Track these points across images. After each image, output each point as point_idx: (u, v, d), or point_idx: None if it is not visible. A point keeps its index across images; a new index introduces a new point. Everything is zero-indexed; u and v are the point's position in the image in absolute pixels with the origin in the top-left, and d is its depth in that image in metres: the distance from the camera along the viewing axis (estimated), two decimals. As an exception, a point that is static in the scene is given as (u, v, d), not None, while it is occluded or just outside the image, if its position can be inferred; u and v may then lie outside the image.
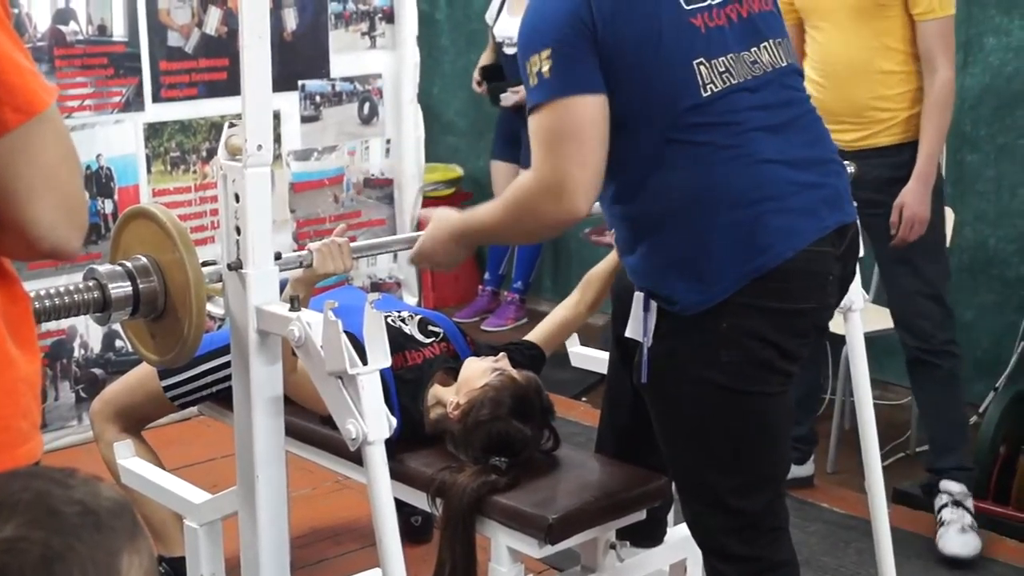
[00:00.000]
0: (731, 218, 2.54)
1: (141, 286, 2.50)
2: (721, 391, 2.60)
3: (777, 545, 2.78)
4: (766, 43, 2.66)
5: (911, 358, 4.30)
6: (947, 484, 4.24)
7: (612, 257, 3.53)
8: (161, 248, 2.54)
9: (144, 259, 2.54)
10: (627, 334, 2.70)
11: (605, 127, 2.54)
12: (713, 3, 2.59)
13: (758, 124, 2.59)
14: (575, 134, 2.53)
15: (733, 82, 2.57)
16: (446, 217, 2.90)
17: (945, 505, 4.23)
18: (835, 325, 2.95)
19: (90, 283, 2.47)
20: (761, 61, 2.64)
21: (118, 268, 2.52)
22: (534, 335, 3.57)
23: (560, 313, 3.62)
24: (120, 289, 2.48)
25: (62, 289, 2.42)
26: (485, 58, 6.66)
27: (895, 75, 4.07)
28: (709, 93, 2.54)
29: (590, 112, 2.53)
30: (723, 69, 2.56)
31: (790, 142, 2.63)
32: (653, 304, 2.62)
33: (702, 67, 2.54)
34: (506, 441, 3.03)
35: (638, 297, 2.65)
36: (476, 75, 6.61)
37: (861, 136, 4.10)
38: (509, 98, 6.34)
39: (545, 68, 2.52)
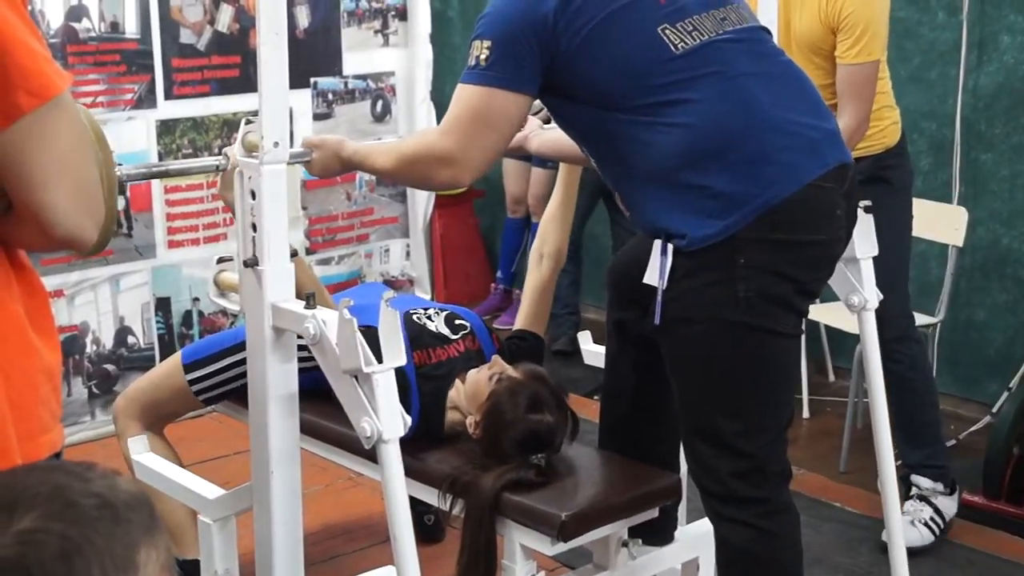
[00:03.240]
0: (732, 158, 2.64)
1: None
2: (735, 327, 2.67)
3: (781, 489, 2.86)
4: (729, 6, 2.80)
5: None
6: (917, 479, 4.27)
7: (555, 199, 3.57)
8: None
9: None
10: (644, 280, 2.75)
11: (519, 124, 2.88)
12: None
13: (746, 70, 2.72)
14: (492, 124, 2.73)
15: (704, 38, 2.70)
16: (339, 140, 3.05)
17: (911, 497, 4.26)
18: (848, 324, 2.94)
19: None
20: (730, 19, 2.77)
21: None
22: (521, 321, 3.58)
23: (531, 282, 3.60)
24: None
25: None
26: None
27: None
28: (682, 51, 2.67)
29: (513, 108, 2.73)
30: (691, 28, 2.69)
31: (781, 89, 2.75)
32: (670, 247, 2.68)
33: (667, 31, 2.68)
34: (535, 437, 3.03)
35: (656, 244, 2.71)
36: None
37: None
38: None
39: (483, 56, 2.69)
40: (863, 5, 4.00)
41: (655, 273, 2.71)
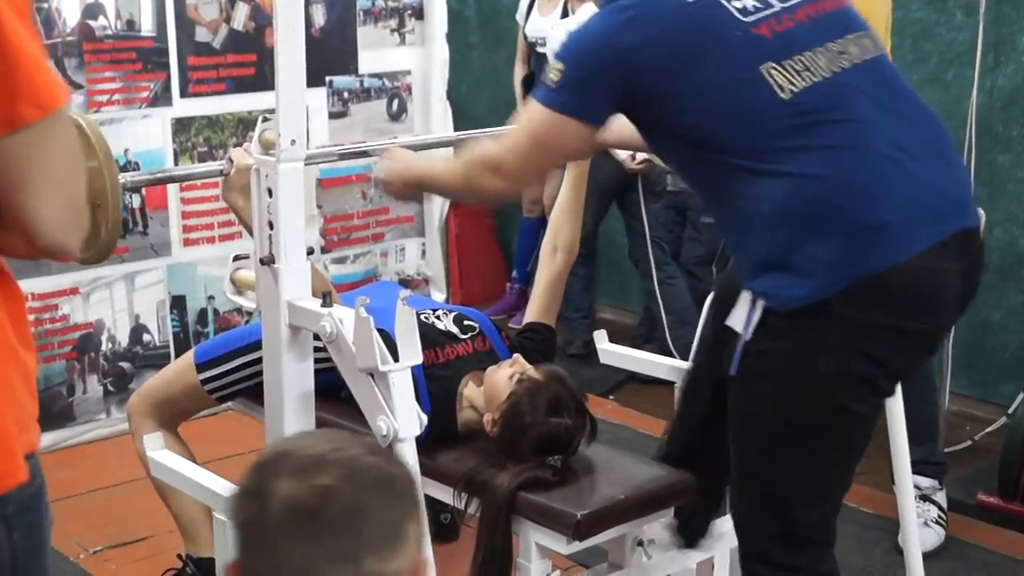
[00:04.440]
0: (834, 216, 2.44)
1: None
2: (808, 400, 2.54)
3: (821, 558, 2.73)
4: (850, 36, 2.60)
5: None
6: (917, 479, 4.24)
7: (566, 190, 3.54)
8: (85, 156, 2.58)
9: None
10: (727, 322, 2.60)
11: (576, 153, 2.90)
12: (778, 9, 2.56)
13: (863, 116, 2.50)
14: (547, 146, 2.68)
15: (817, 78, 2.50)
16: (406, 160, 3.03)
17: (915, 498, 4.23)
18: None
19: None
20: (849, 52, 2.56)
21: None
22: (532, 313, 3.55)
23: (543, 275, 3.57)
24: None
25: None
26: (520, 69, 6.67)
27: None
28: (789, 94, 2.48)
29: (572, 136, 2.64)
30: (801, 68, 2.50)
31: (904, 136, 2.52)
32: (760, 303, 2.52)
33: (772, 71, 2.49)
34: (553, 440, 3.03)
35: (745, 294, 2.56)
36: (519, 91, 6.63)
37: None
38: None
39: (555, 77, 2.59)
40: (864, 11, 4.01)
41: (740, 322, 2.56)
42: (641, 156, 5.52)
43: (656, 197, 5.86)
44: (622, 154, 5.56)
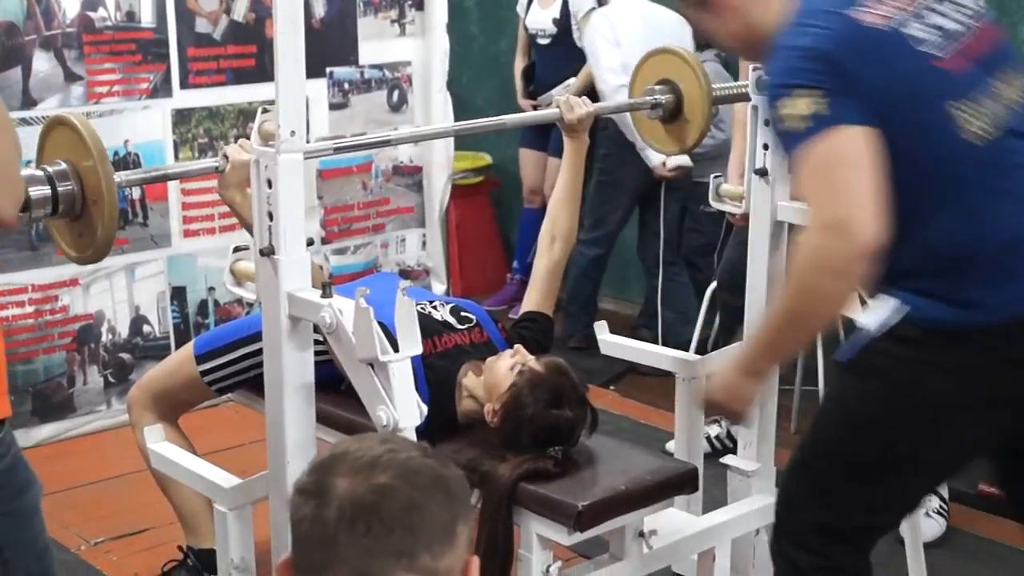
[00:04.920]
0: (994, 259, 2.47)
1: (60, 189, 2.63)
2: (913, 411, 2.52)
3: (857, 559, 2.70)
4: (1007, 75, 2.57)
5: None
6: None
7: (563, 180, 3.54)
8: (80, 155, 2.64)
9: (64, 164, 2.65)
10: (858, 317, 2.58)
11: (878, 158, 2.40)
12: (954, 44, 2.52)
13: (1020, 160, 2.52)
14: (852, 161, 2.38)
15: (990, 124, 2.48)
16: (725, 379, 2.77)
17: None
18: (858, 311, 2.90)
19: None
20: (1007, 95, 2.55)
21: (39, 172, 2.64)
22: (530, 302, 3.54)
23: (541, 264, 3.57)
24: (40, 191, 2.62)
25: None
26: (520, 61, 6.68)
27: None
28: (970, 136, 2.46)
29: (863, 140, 2.39)
30: (977, 110, 2.47)
31: None
32: (904, 310, 2.49)
33: (955, 109, 2.46)
34: (554, 432, 3.03)
35: (891, 300, 2.52)
36: (520, 83, 6.62)
37: None
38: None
39: (808, 107, 2.40)
40: None
41: (875, 319, 2.51)
42: (673, 162, 5.54)
43: (676, 200, 5.88)
44: (655, 160, 5.57)
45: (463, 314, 3.41)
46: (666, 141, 3.82)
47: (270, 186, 2.61)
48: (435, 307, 3.40)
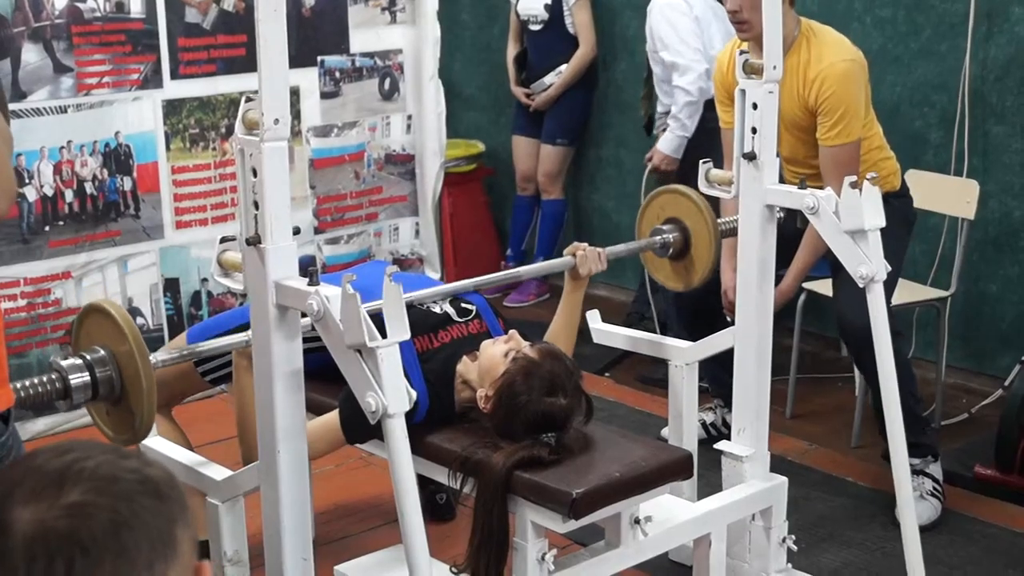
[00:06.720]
0: None
1: (98, 374, 2.74)
2: None
3: None
4: None
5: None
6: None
7: (562, 313, 3.56)
8: (116, 340, 2.74)
9: (102, 351, 2.76)
10: None
11: None
12: None
13: None
14: None
15: None
16: None
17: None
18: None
19: (52, 375, 2.74)
20: None
21: (78, 360, 2.75)
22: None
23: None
24: (79, 379, 2.73)
25: (27, 382, 2.69)
26: (512, 47, 6.65)
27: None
28: None
29: None
30: None
31: None
32: None
33: None
34: (548, 419, 3.02)
35: None
36: (512, 70, 6.60)
37: None
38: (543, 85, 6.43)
39: None
40: (840, 89, 4.03)
41: None
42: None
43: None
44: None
45: (463, 305, 3.40)
46: (673, 278, 3.89)
47: (255, 175, 2.60)
48: (435, 302, 3.38)
